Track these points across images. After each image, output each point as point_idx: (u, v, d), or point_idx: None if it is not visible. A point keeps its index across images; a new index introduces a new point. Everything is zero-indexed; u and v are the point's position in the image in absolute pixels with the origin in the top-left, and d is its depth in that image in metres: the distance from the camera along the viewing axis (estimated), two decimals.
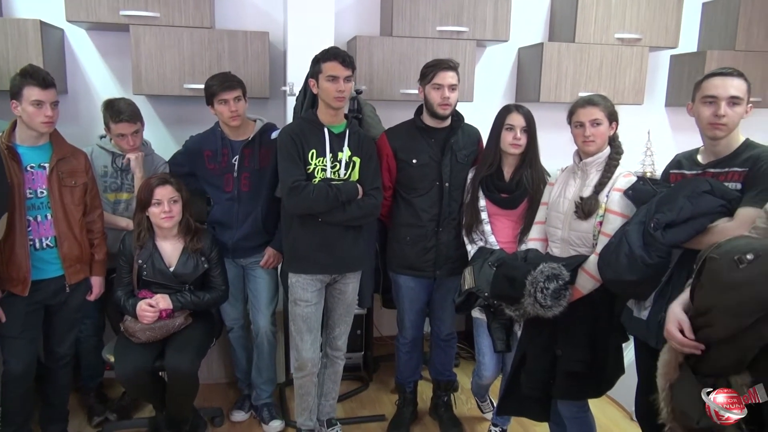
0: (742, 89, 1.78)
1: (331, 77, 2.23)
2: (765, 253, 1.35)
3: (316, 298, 2.42)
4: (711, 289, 1.48)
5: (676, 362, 1.60)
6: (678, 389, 1.57)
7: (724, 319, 1.42)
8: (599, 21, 3.36)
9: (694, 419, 1.48)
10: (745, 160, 1.75)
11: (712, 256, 1.47)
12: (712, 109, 1.77)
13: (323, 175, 2.31)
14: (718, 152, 1.82)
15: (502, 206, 2.42)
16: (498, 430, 2.72)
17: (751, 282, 1.36)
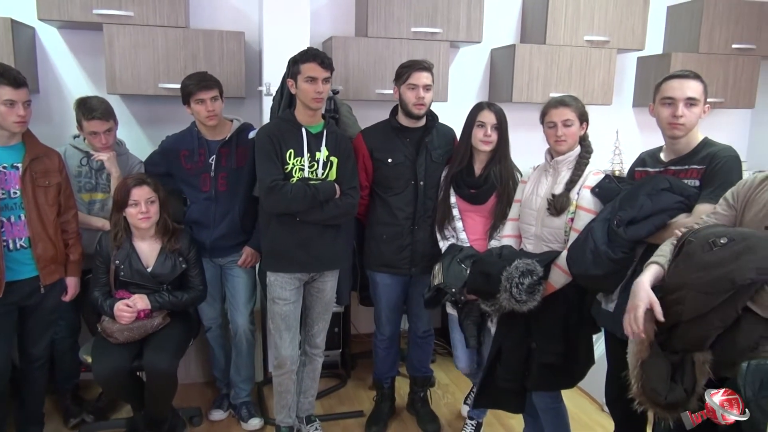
0: (698, 91, 1.87)
1: (309, 78, 2.26)
2: (738, 238, 1.45)
3: (294, 297, 2.44)
4: (685, 268, 1.58)
5: (647, 341, 1.68)
6: (648, 367, 1.66)
7: (695, 296, 1.52)
8: (569, 23, 3.45)
9: (662, 395, 1.58)
10: (703, 158, 1.85)
11: (690, 239, 1.56)
12: (670, 110, 1.86)
13: (301, 175, 2.34)
14: (679, 150, 1.91)
15: (471, 202, 2.47)
16: (474, 423, 2.78)
17: (721, 263, 1.46)
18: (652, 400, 1.63)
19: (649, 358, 1.66)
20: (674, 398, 1.58)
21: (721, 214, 1.68)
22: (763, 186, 1.60)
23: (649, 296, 1.59)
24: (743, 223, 1.62)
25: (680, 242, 1.63)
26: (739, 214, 1.64)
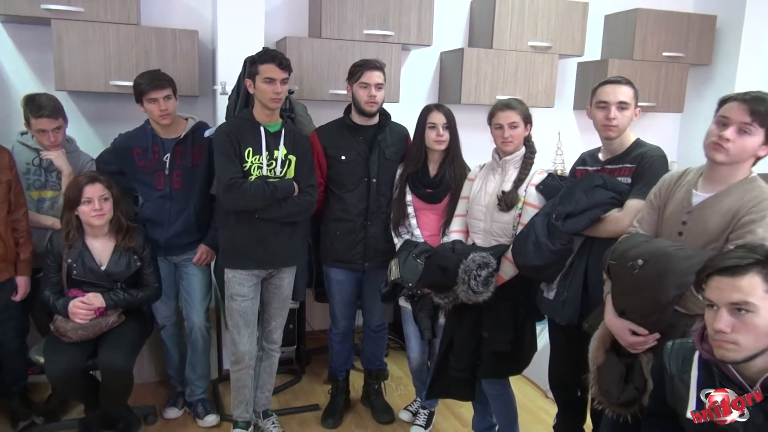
0: (629, 95, 2.04)
1: (268, 79, 2.30)
2: (651, 258, 1.63)
3: (252, 293, 2.48)
4: (619, 294, 1.79)
5: (603, 348, 1.86)
6: (603, 371, 1.84)
7: (636, 318, 1.72)
8: (514, 29, 3.61)
9: (615, 396, 1.77)
10: (634, 157, 2.02)
11: (611, 262, 1.76)
12: (604, 113, 2.03)
13: (259, 173, 2.38)
14: (613, 150, 2.08)
15: (427, 201, 2.58)
16: (426, 413, 2.89)
17: (646, 287, 1.66)
18: (608, 400, 1.80)
19: (604, 363, 1.84)
20: (627, 398, 1.77)
21: (646, 220, 1.86)
22: (680, 182, 1.79)
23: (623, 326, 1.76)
24: (664, 219, 1.80)
25: (605, 266, 1.82)
26: (661, 211, 1.82)
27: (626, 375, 1.77)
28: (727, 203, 1.65)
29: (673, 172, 1.85)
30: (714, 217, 1.66)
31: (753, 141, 1.60)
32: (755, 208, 1.58)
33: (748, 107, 1.59)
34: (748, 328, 1.27)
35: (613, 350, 1.83)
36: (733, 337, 1.28)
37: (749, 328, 1.26)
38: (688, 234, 1.71)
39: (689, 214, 1.72)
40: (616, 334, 1.79)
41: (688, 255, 1.61)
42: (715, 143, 1.63)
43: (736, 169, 1.65)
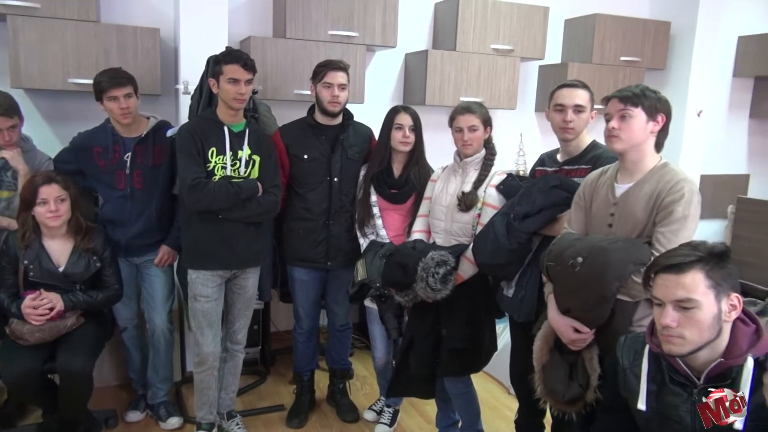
0: (585, 99, 2.11)
1: (232, 80, 2.29)
2: (589, 255, 1.70)
3: (216, 294, 2.47)
4: (562, 294, 1.85)
5: (547, 347, 1.92)
6: (548, 370, 1.90)
7: (581, 314, 1.78)
8: (477, 32, 3.67)
9: (560, 394, 1.83)
10: (590, 158, 2.09)
11: (550, 264, 1.83)
12: (561, 116, 2.09)
13: (223, 173, 2.37)
14: (570, 152, 2.15)
15: (392, 201, 2.61)
16: (391, 411, 2.92)
17: (587, 283, 1.72)
18: (553, 399, 1.87)
19: (549, 362, 1.90)
20: (571, 395, 1.83)
21: (575, 221, 1.95)
22: (600, 180, 1.89)
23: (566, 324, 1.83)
24: (592, 216, 1.90)
25: (544, 268, 1.89)
26: (587, 210, 1.92)
27: (570, 373, 1.83)
28: (647, 189, 1.77)
29: (594, 173, 1.96)
30: (638, 203, 1.77)
31: (636, 122, 1.77)
32: (673, 189, 1.72)
33: (618, 98, 1.79)
34: (692, 322, 1.33)
35: (557, 349, 1.89)
36: (678, 332, 1.34)
37: (693, 323, 1.33)
38: (617, 225, 1.81)
39: (615, 205, 1.82)
40: (560, 332, 1.85)
41: (622, 246, 1.70)
42: (608, 136, 1.81)
43: (642, 155, 1.81)
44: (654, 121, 1.79)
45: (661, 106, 1.80)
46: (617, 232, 1.82)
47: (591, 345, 1.83)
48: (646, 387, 1.46)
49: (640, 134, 1.78)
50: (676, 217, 1.70)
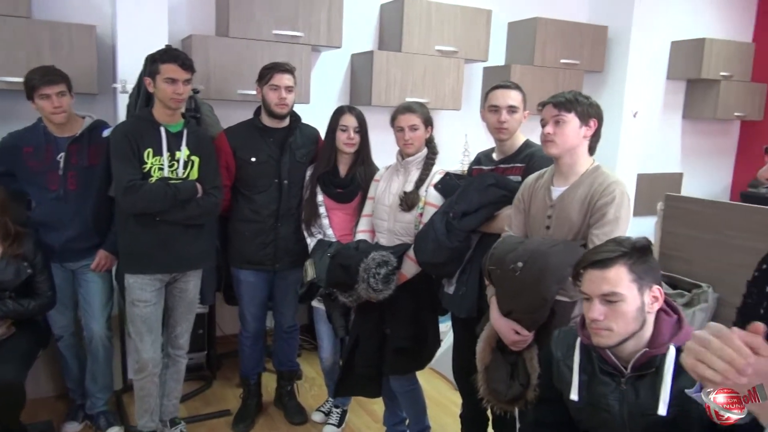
0: (518, 100, 2.17)
1: (169, 79, 2.25)
2: (529, 259, 1.76)
3: (155, 298, 2.41)
4: (504, 297, 1.89)
5: (489, 348, 1.97)
6: (490, 370, 1.94)
7: (524, 317, 1.83)
8: (422, 34, 3.71)
9: (503, 394, 1.88)
10: (524, 157, 2.15)
11: (491, 268, 1.87)
12: (496, 116, 2.14)
13: (160, 175, 2.31)
14: (505, 151, 2.21)
15: (338, 200, 2.61)
16: (339, 411, 2.91)
17: (528, 287, 1.77)
18: (495, 398, 1.91)
19: (491, 363, 1.94)
20: (513, 394, 1.87)
21: (515, 223, 2.01)
22: (538, 183, 1.95)
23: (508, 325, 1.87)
24: (530, 218, 1.96)
25: (486, 272, 1.94)
26: (526, 213, 1.98)
27: (511, 372, 1.88)
28: (581, 192, 1.84)
29: (531, 176, 2.03)
30: (573, 206, 1.84)
31: (570, 127, 1.84)
32: (605, 192, 1.79)
33: (552, 104, 1.86)
34: (617, 315, 1.38)
35: (499, 350, 1.93)
36: (605, 324, 1.39)
37: (619, 316, 1.38)
38: (554, 227, 1.87)
39: (552, 208, 1.89)
40: (501, 333, 1.90)
41: (560, 250, 1.76)
42: (544, 141, 1.87)
43: (576, 158, 1.88)
44: (586, 126, 1.86)
45: (593, 112, 1.87)
46: (554, 234, 1.87)
47: (531, 345, 1.88)
48: (578, 378, 1.51)
49: (573, 139, 1.85)
50: (609, 219, 1.77)
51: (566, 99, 1.84)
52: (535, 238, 1.92)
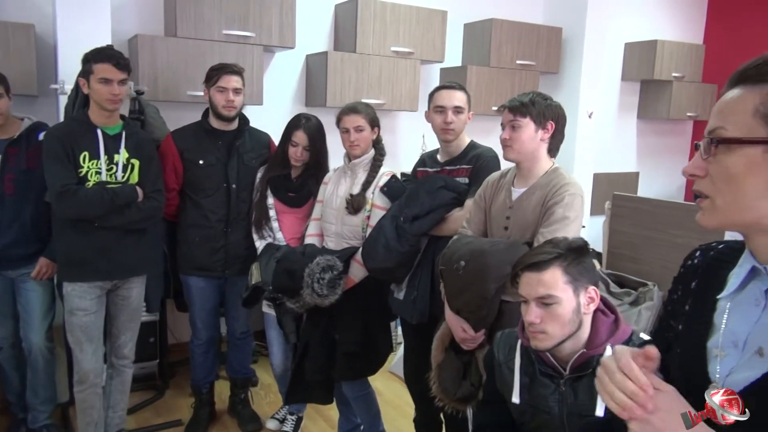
0: (463, 100, 2.16)
1: (103, 80, 2.17)
2: (471, 258, 1.75)
3: (95, 307, 2.32)
4: (451, 295, 1.89)
5: (442, 347, 1.95)
6: (442, 369, 1.92)
7: (469, 315, 1.82)
8: (377, 34, 3.68)
9: (452, 392, 1.86)
10: (470, 158, 2.14)
11: (441, 267, 1.86)
12: (442, 117, 2.12)
13: (98, 179, 2.23)
14: (451, 152, 2.19)
15: (289, 205, 2.56)
16: (294, 418, 2.86)
17: (469, 286, 1.77)
18: (446, 396, 1.89)
19: (444, 361, 1.92)
20: (463, 393, 1.86)
21: (474, 220, 1.99)
22: (501, 182, 1.94)
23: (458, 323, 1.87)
24: (491, 218, 1.94)
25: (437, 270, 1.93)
26: (487, 211, 1.97)
27: (464, 372, 1.87)
28: (538, 194, 1.84)
29: (495, 174, 2.01)
30: (530, 208, 1.83)
31: (526, 132, 1.83)
32: (556, 192, 1.79)
33: (508, 108, 1.85)
34: (553, 318, 1.37)
35: (453, 349, 1.92)
36: (542, 327, 1.38)
37: (555, 318, 1.37)
38: (512, 228, 1.86)
39: (511, 209, 1.88)
40: (452, 330, 1.88)
41: (501, 249, 1.75)
42: (503, 146, 1.87)
43: (535, 161, 1.87)
44: (543, 129, 1.85)
45: (549, 113, 1.85)
46: (512, 235, 1.86)
47: (483, 345, 1.86)
48: (519, 380, 1.50)
49: (530, 143, 1.84)
50: (556, 218, 1.76)
51: (521, 103, 1.83)
52: (482, 239, 1.91)
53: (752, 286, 0.86)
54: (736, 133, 0.80)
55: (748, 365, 0.82)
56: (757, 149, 0.78)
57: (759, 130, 0.78)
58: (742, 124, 0.79)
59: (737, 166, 0.79)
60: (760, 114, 0.78)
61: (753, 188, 0.79)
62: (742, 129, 0.79)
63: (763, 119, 0.77)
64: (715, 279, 0.93)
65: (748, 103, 0.79)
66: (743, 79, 0.81)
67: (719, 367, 0.87)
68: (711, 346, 0.88)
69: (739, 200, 0.80)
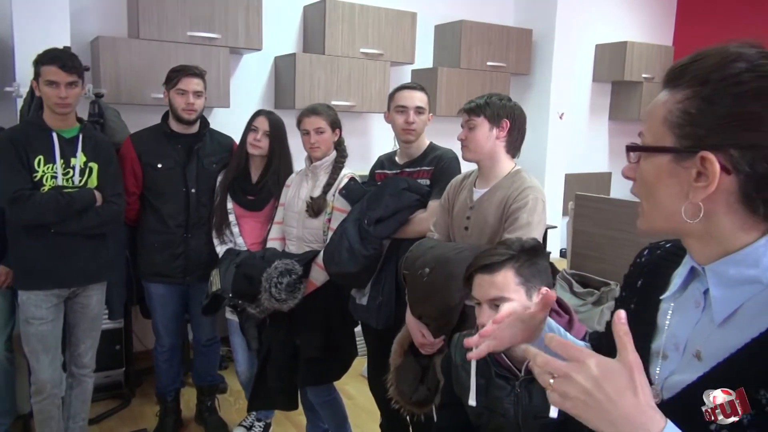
0: (424, 101, 2.15)
1: (50, 82, 2.11)
2: (436, 265, 1.74)
3: (52, 315, 2.26)
4: (414, 301, 1.87)
5: (401, 350, 1.92)
6: (400, 371, 1.90)
7: (430, 321, 1.81)
8: (345, 36, 3.66)
9: (408, 395, 1.83)
10: (431, 160, 2.12)
11: (405, 272, 1.84)
12: (404, 117, 2.11)
13: (53, 183, 2.18)
14: (411, 154, 2.17)
15: (249, 208, 2.52)
16: (262, 425, 2.82)
17: (434, 292, 1.75)
18: (403, 399, 1.87)
19: (402, 364, 1.90)
20: (419, 397, 1.84)
21: (440, 223, 1.98)
22: (463, 184, 1.92)
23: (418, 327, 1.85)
24: (452, 218, 1.94)
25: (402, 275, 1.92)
26: (450, 212, 1.96)
27: (422, 376, 1.85)
28: (499, 195, 1.83)
29: (459, 176, 2.01)
30: (491, 209, 1.82)
31: (480, 131, 1.84)
32: (519, 196, 1.78)
33: (464, 110, 1.87)
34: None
35: (412, 352, 1.90)
36: None
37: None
38: (472, 229, 1.85)
39: (472, 209, 1.87)
40: (412, 334, 1.87)
41: (466, 256, 1.72)
42: (461, 147, 1.88)
43: (494, 161, 1.87)
44: (498, 127, 1.84)
45: (504, 112, 1.85)
46: (472, 236, 1.86)
47: (443, 350, 1.84)
48: (476, 382, 1.48)
49: (484, 142, 1.84)
50: (521, 224, 1.75)
51: (476, 104, 1.84)
52: (446, 244, 1.89)
53: (692, 287, 0.85)
54: (650, 139, 0.78)
55: (687, 368, 0.81)
56: (664, 158, 0.76)
57: (666, 138, 0.76)
58: (655, 131, 0.77)
59: (650, 174, 0.78)
60: (668, 122, 0.75)
61: (667, 196, 0.77)
62: (655, 136, 0.77)
63: (669, 128, 0.75)
64: (660, 278, 0.91)
65: (662, 109, 0.77)
66: (667, 81, 0.79)
67: (659, 369, 0.85)
68: (655, 348, 0.87)
69: (659, 207, 0.79)
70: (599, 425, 0.70)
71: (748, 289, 0.75)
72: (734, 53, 0.74)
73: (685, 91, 0.75)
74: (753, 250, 0.74)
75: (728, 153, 0.72)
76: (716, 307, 0.77)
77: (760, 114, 0.71)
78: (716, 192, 0.73)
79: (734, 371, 0.75)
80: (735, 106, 0.71)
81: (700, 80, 0.74)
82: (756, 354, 0.73)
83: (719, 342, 0.77)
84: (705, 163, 0.72)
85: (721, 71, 0.73)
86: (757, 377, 0.72)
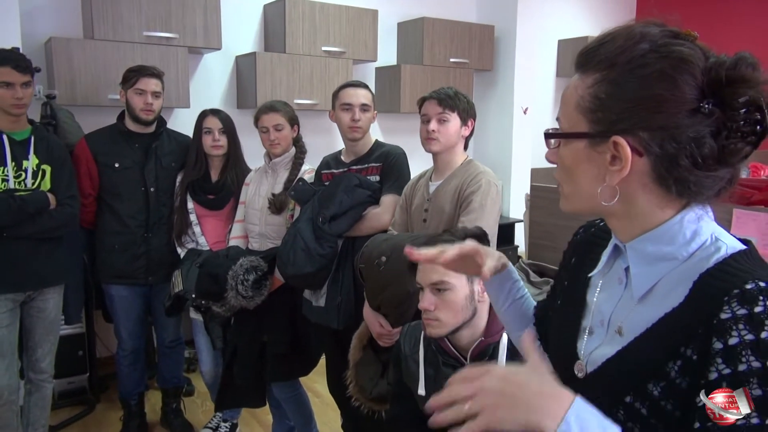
0: (369, 98, 2.17)
1: (4, 84, 2.09)
2: (392, 253, 1.76)
3: (8, 320, 2.23)
4: (372, 292, 1.87)
5: (360, 345, 1.93)
6: (360, 367, 1.90)
7: (390, 311, 1.81)
8: (306, 34, 3.66)
9: (368, 391, 1.84)
10: (378, 156, 2.14)
11: (361, 266, 1.85)
12: (350, 115, 2.12)
13: (5, 186, 2.15)
14: (357, 152, 2.19)
15: (209, 207, 2.51)
16: (228, 425, 2.81)
17: (392, 280, 1.76)
18: (362, 396, 1.88)
19: (361, 359, 1.91)
20: (378, 392, 1.85)
21: (398, 222, 2.02)
22: (419, 182, 1.97)
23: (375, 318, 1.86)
24: (411, 214, 1.98)
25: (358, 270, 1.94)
26: (408, 210, 2.00)
27: (382, 371, 1.86)
28: (454, 183, 1.88)
29: (415, 176, 2.06)
30: (446, 198, 1.87)
31: (452, 126, 1.90)
32: (472, 182, 1.84)
33: (437, 101, 1.88)
34: (446, 305, 1.38)
35: (372, 348, 1.91)
36: (435, 315, 1.38)
37: (448, 305, 1.38)
38: (430, 219, 1.89)
39: (429, 201, 1.92)
40: (369, 325, 1.87)
41: (422, 242, 1.74)
42: (427, 138, 1.89)
43: (453, 154, 1.93)
44: (465, 126, 1.93)
45: (471, 112, 1.94)
46: (430, 226, 1.89)
47: None
48: (424, 372, 1.50)
49: (454, 138, 1.91)
50: (474, 207, 1.80)
51: (449, 96, 1.88)
52: (401, 234, 1.92)
53: (616, 264, 0.87)
54: (565, 125, 0.80)
55: (609, 343, 0.83)
56: (580, 143, 0.77)
57: (580, 124, 0.77)
58: (569, 116, 0.78)
59: (568, 159, 0.80)
60: (580, 108, 0.76)
61: (585, 180, 0.79)
62: (570, 122, 0.78)
63: (582, 113, 0.76)
64: (590, 256, 0.93)
65: (574, 94, 0.77)
66: (578, 65, 0.79)
67: (585, 345, 0.88)
68: (584, 324, 0.89)
69: (578, 190, 0.81)
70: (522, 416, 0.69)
71: (664, 266, 0.78)
72: (638, 33, 0.75)
73: (594, 75, 0.76)
74: (669, 227, 0.77)
75: (638, 136, 0.73)
76: (635, 284, 0.80)
77: (664, 96, 0.72)
78: (631, 174, 0.74)
79: (649, 346, 0.77)
80: (641, 89, 0.73)
81: (607, 63, 0.75)
82: (668, 328, 0.76)
83: (637, 317, 0.79)
84: (617, 147, 0.74)
85: (626, 53, 0.74)
86: (667, 351, 0.75)
